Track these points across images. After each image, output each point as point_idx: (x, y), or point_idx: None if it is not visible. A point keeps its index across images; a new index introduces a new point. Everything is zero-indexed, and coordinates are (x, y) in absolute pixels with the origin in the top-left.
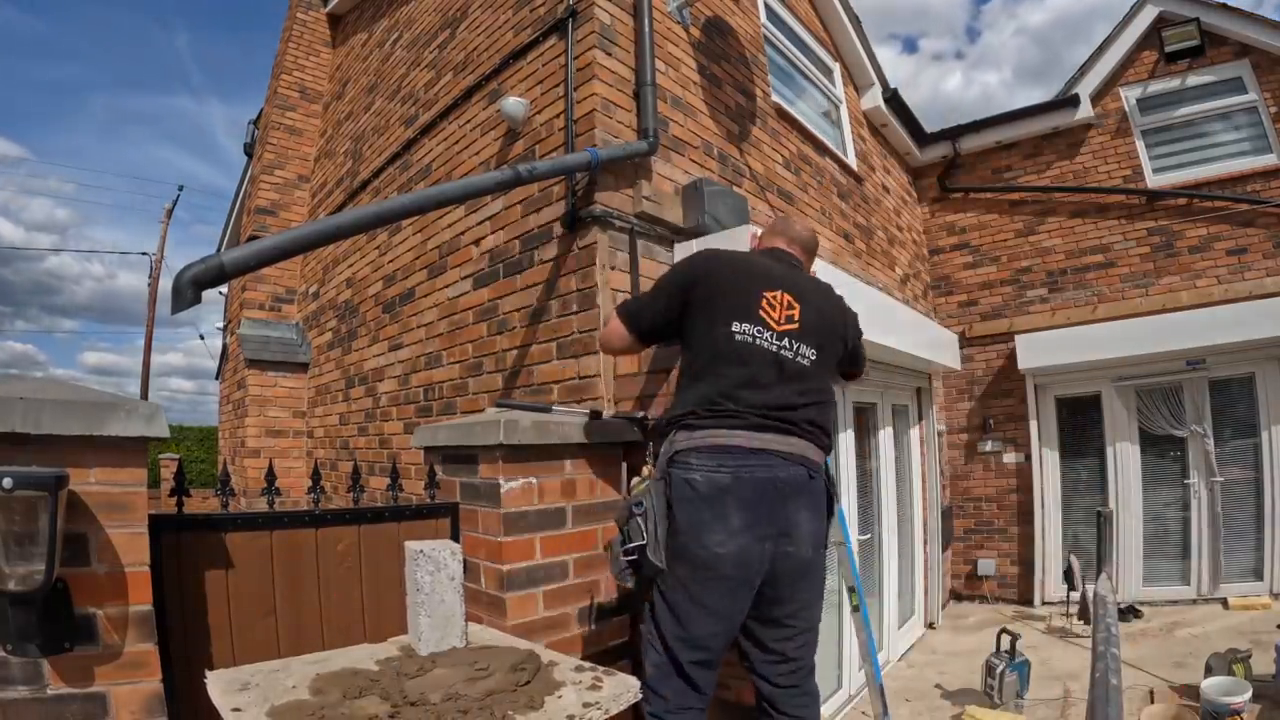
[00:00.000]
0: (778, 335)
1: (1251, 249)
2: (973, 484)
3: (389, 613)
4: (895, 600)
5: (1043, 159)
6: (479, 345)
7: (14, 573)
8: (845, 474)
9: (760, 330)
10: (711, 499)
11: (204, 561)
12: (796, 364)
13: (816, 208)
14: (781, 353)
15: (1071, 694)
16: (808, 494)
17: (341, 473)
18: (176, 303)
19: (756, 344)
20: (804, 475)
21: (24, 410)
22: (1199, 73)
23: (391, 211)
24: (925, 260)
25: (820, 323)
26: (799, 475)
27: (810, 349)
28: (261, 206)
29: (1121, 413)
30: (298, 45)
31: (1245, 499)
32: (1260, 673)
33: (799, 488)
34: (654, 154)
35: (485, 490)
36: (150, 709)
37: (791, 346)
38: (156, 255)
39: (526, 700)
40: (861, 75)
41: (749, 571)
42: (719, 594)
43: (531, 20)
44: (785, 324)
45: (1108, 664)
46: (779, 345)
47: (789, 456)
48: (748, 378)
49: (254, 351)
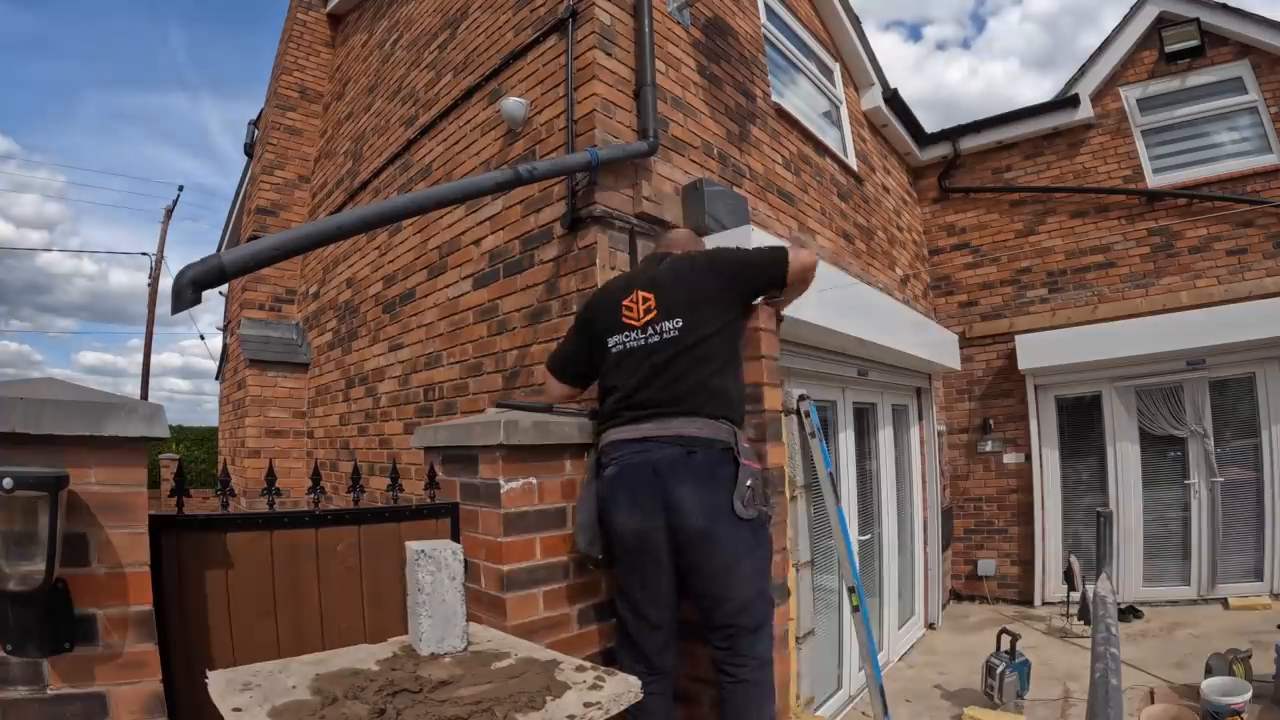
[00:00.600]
0: (642, 329)
1: (1251, 249)
2: (973, 484)
3: (389, 613)
4: (895, 600)
5: (1043, 159)
6: (479, 345)
7: (14, 572)
8: (845, 474)
9: (628, 335)
10: (609, 487)
11: (204, 562)
12: (666, 343)
13: (816, 208)
14: (649, 341)
15: (1071, 694)
16: (686, 468)
17: (342, 473)
18: (176, 303)
19: (629, 347)
20: (680, 453)
21: (24, 410)
22: (1199, 73)
23: (391, 212)
24: (925, 260)
25: (677, 291)
26: (674, 454)
27: (673, 320)
28: (262, 207)
29: (1122, 413)
30: (298, 45)
31: (1245, 499)
32: (1260, 673)
33: (674, 465)
34: (654, 154)
35: (485, 490)
36: (150, 709)
37: (658, 331)
38: (156, 255)
39: (527, 700)
40: (861, 75)
41: (649, 545)
42: (630, 564)
43: (532, 20)
44: (645, 315)
45: (1107, 664)
46: (646, 338)
47: (664, 439)
48: (628, 379)
49: (254, 352)
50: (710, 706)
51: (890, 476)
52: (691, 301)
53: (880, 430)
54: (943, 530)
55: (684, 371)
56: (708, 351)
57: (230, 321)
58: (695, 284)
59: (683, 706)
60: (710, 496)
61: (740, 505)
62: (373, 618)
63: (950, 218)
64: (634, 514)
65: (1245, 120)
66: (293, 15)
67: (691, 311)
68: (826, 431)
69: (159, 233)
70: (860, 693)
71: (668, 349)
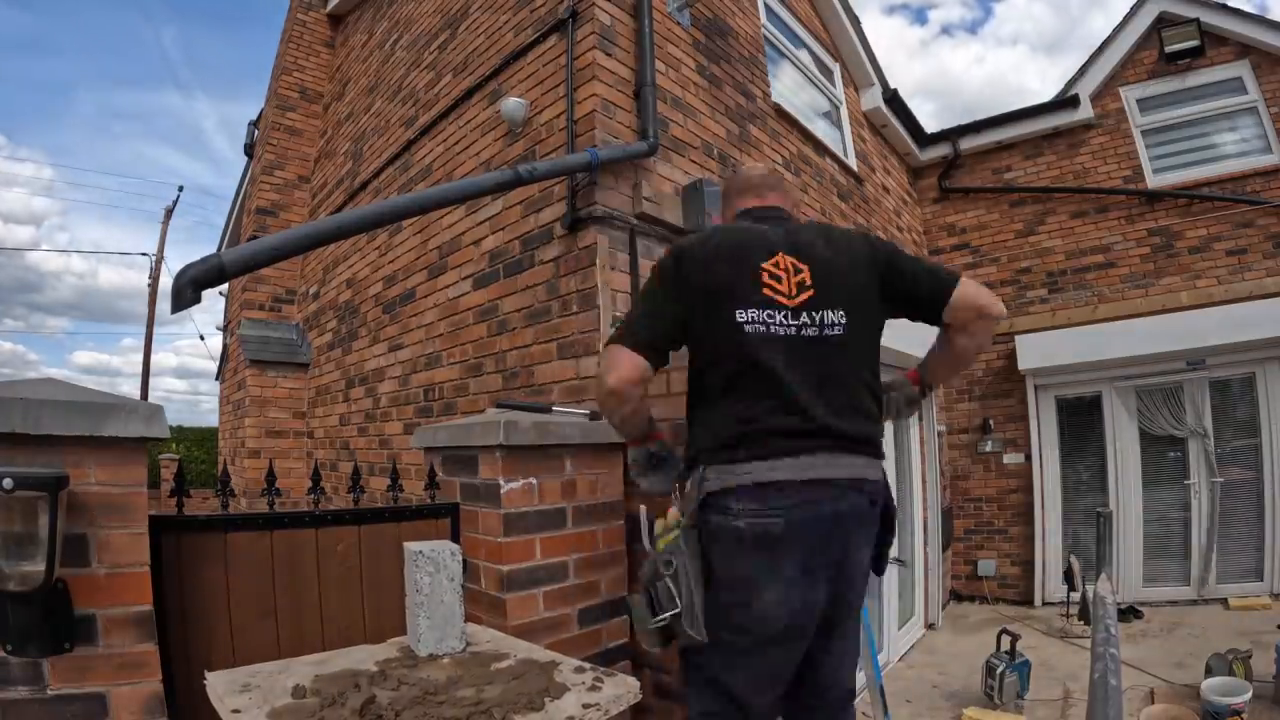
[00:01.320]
0: (794, 312)
1: (1251, 249)
2: (973, 484)
3: (389, 613)
4: (895, 600)
5: (1043, 159)
6: (479, 346)
7: (14, 573)
8: None
9: (770, 314)
10: (760, 549)
11: (204, 562)
12: (827, 340)
13: (816, 208)
14: (804, 332)
15: (1071, 694)
16: (870, 525)
17: (342, 473)
18: (176, 302)
19: (772, 332)
20: (865, 505)
21: (24, 410)
22: (1199, 73)
23: (392, 211)
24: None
25: (839, 270)
26: (860, 506)
27: (838, 313)
28: (262, 207)
29: (1122, 413)
30: (298, 46)
31: (1245, 499)
32: (1260, 673)
33: (860, 520)
34: (654, 154)
35: (485, 491)
36: (150, 709)
37: (815, 319)
38: (156, 255)
39: (526, 701)
40: (861, 75)
41: (803, 627)
42: (771, 657)
43: (532, 21)
44: (800, 294)
45: (1107, 664)
46: (800, 326)
47: (847, 483)
48: (776, 386)
49: (254, 352)
50: None
51: (890, 477)
52: (857, 291)
53: None
54: (943, 530)
55: (852, 386)
56: (870, 361)
57: (230, 322)
58: (853, 272)
59: None
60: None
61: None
62: (373, 618)
63: (950, 218)
64: (798, 589)
65: (1245, 120)
66: (293, 16)
67: (858, 305)
68: None
69: (159, 232)
70: (860, 693)
71: (832, 352)
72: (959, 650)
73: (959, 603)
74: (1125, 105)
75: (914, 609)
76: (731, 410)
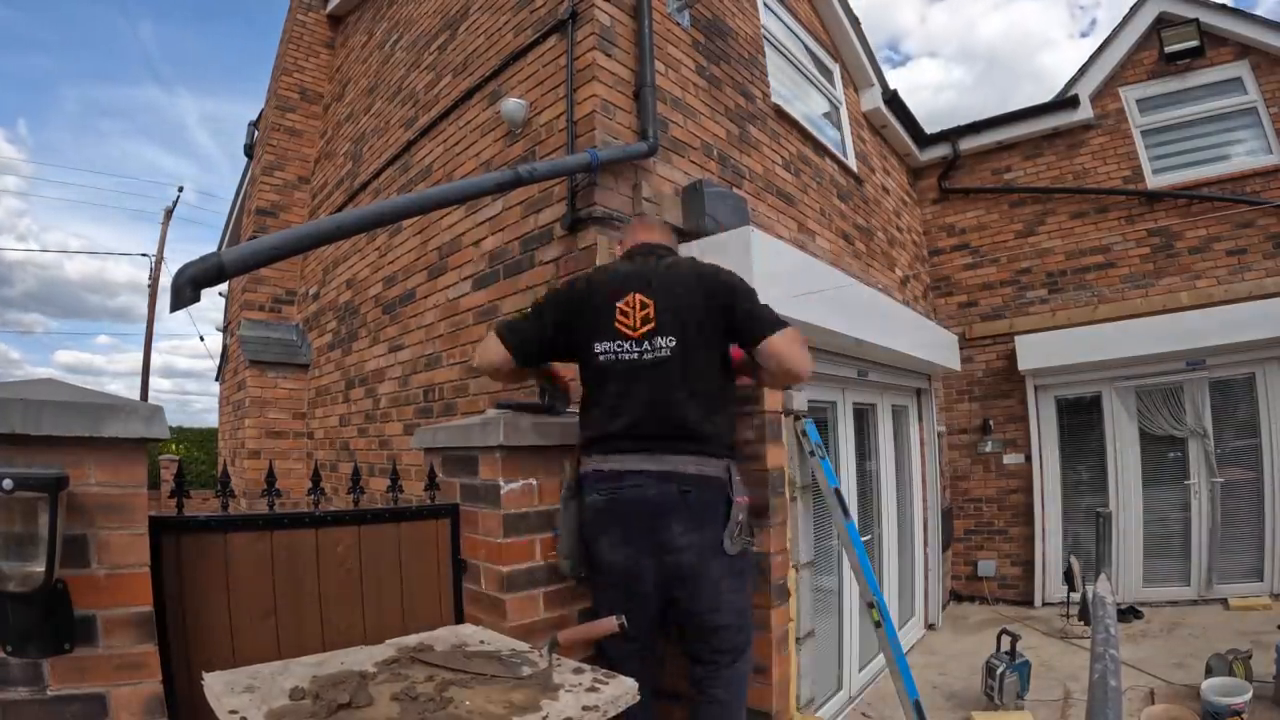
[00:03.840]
0: (638, 342)
1: (1251, 249)
2: (973, 485)
3: (388, 614)
4: (895, 601)
5: (1043, 159)
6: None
7: (14, 573)
8: (846, 475)
9: (620, 345)
10: (596, 517)
11: (204, 563)
12: (662, 363)
13: (816, 209)
14: (644, 358)
15: (1071, 695)
16: (680, 509)
17: (342, 474)
18: (176, 301)
19: (621, 359)
20: (674, 491)
21: (24, 411)
22: (1199, 73)
23: (392, 211)
24: (925, 261)
25: (677, 303)
26: (668, 492)
27: (666, 338)
28: (262, 208)
29: (1122, 413)
30: (298, 46)
31: (1245, 499)
32: (1260, 673)
33: (668, 505)
34: (654, 155)
35: (485, 491)
36: (150, 710)
37: (653, 347)
38: (156, 256)
39: (525, 703)
40: (861, 76)
41: (636, 579)
42: (616, 594)
43: (531, 21)
44: (643, 326)
45: (1107, 665)
46: (640, 352)
47: (659, 475)
48: (617, 399)
49: (254, 353)
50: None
51: (890, 477)
52: (691, 318)
53: (880, 431)
54: (943, 531)
55: (681, 399)
56: (705, 378)
57: (230, 323)
58: (696, 298)
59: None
60: (702, 535)
61: (729, 542)
62: (372, 619)
63: (950, 218)
64: (622, 549)
65: (1245, 120)
66: (293, 16)
67: (691, 333)
68: (825, 433)
69: (158, 232)
70: (860, 693)
71: (664, 370)
72: (959, 650)
73: (959, 603)
74: (1125, 105)
75: (914, 609)
76: (594, 415)
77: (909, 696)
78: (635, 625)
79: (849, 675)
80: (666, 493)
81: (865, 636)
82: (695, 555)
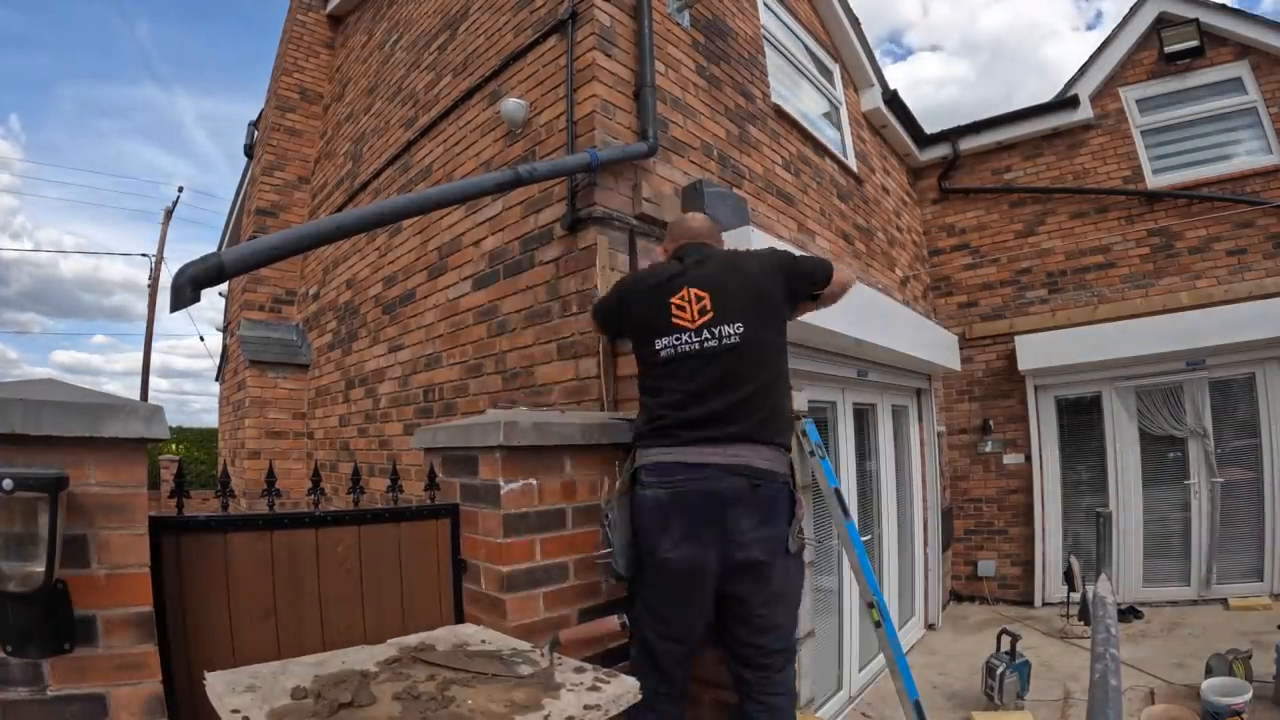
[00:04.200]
0: (697, 332)
1: (1251, 249)
2: (973, 485)
3: (388, 614)
4: (895, 601)
5: (1043, 159)
6: (479, 346)
7: (14, 573)
8: (846, 475)
9: (678, 338)
10: (657, 512)
11: (204, 563)
12: (727, 350)
13: (816, 209)
14: (707, 346)
15: (1072, 695)
16: (750, 502)
17: (342, 474)
18: (176, 301)
19: (681, 352)
20: (744, 485)
21: (24, 411)
22: (1199, 73)
23: (392, 211)
24: (925, 261)
25: (734, 290)
26: (737, 485)
27: (733, 325)
28: (262, 208)
29: (1122, 413)
30: (297, 47)
31: (1245, 499)
32: (1260, 673)
33: (738, 497)
34: (654, 155)
35: (485, 491)
36: (150, 710)
37: (715, 335)
38: (156, 256)
39: (526, 702)
40: (861, 76)
41: (697, 574)
42: (674, 592)
43: (531, 21)
44: (701, 317)
45: (1107, 665)
46: (701, 342)
47: (728, 468)
48: (681, 391)
49: (254, 353)
50: (710, 706)
51: (890, 477)
52: (751, 304)
53: (880, 431)
54: (943, 531)
55: (747, 387)
56: (770, 362)
57: (230, 323)
58: (753, 284)
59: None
60: (770, 530)
61: (792, 540)
62: (372, 619)
63: (950, 218)
64: (687, 545)
65: (1245, 120)
66: (293, 16)
67: (753, 315)
68: (825, 433)
69: (159, 233)
70: (860, 693)
71: (729, 358)
72: (959, 650)
73: (959, 603)
74: (1125, 105)
75: (914, 609)
76: (655, 408)
77: (909, 696)
78: (685, 626)
79: (849, 675)
80: (737, 485)
81: (865, 636)
82: (763, 551)
